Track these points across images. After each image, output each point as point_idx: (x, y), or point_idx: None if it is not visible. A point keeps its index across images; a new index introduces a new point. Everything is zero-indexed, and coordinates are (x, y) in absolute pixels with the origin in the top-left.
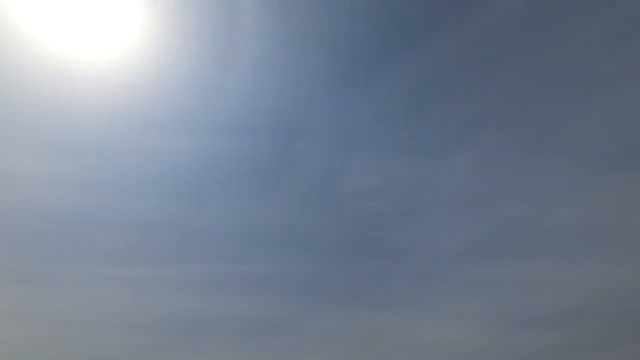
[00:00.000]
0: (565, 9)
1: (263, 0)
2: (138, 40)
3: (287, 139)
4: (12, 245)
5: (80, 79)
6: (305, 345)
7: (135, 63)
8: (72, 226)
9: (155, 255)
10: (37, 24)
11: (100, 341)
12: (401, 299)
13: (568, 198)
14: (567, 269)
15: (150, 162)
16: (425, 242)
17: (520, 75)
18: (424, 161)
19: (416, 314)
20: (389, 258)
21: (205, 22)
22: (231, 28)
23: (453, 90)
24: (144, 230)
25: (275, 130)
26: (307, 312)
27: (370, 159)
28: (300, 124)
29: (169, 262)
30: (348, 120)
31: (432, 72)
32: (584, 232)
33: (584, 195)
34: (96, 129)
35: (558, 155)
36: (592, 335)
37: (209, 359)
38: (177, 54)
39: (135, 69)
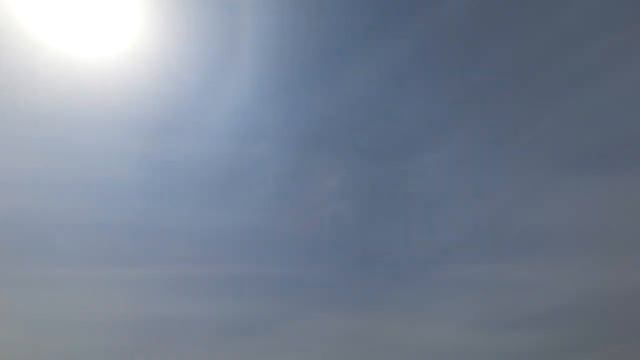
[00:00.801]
0: (530, 3)
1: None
2: (138, 40)
3: (249, 141)
4: None
5: (79, 78)
6: (283, 347)
7: (134, 63)
8: (42, 229)
9: (124, 257)
10: (37, 23)
11: (73, 343)
12: (380, 300)
13: (540, 198)
14: (547, 270)
15: (123, 165)
16: (400, 243)
17: (487, 73)
18: (391, 162)
19: (397, 315)
20: (364, 260)
21: (206, 23)
22: (232, 28)
23: (417, 89)
24: (111, 232)
25: (238, 133)
26: (284, 313)
27: (337, 161)
28: (263, 126)
29: (139, 264)
30: (312, 121)
31: (397, 70)
32: (562, 232)
33: (557, 195)
34: (79, 130)
35: (528, 154)
36: (575, 336)
37: None
38: (178, 54)
39: (134, 69)
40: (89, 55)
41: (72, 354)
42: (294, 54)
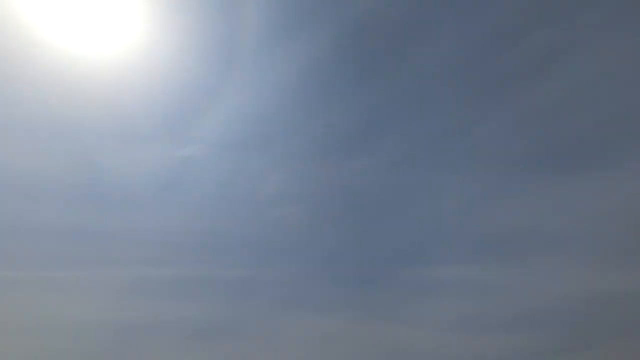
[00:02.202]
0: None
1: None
2: (140, 39)
3: (188, 145)
4: None
5: (81, 78)
6: (255, 350)
7: (136, 63)
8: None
9: (77, 260)
10: (39, 22)
11: (32, 347)
12: (350, 302)
13: (500, 198)
14: (522, 271)
15: (82, 169)
16: (360, 245)
17: (423, 73)
18: (331, 164)
19: (370, 317)
20: (323, 262)
21: (208, 25)
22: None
23: (354, 90)
24: (63, 236)
25: (182, 136)
26: (254, 316)
27: (274, 163)
28: (201, 129)
29: (92, 266)
30: (248, 123)
31: (330, 69)
32: (531, 233)
33: (518, 195)
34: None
35: (476, 154)
36: (556, 340)
37: None
38: (178, 56)
39: (136, 69)
40: (90, 54)
41: (27, 357)
42: (226, 53)
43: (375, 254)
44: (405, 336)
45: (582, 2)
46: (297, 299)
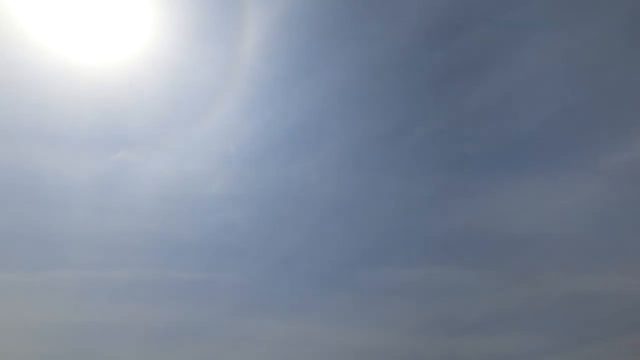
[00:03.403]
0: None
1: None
2: (143, 46)
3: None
4: None
5: (83, 84)
6: (214, 353)
7: (139, 69)
8: None
9: (23, 262)
10: (41, 29)
11: None
12: (306, 305)
13: (450, 199)
14: (475, 274)
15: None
16: (312, 247)
17: (360, 73)
18: (272, 168)
19: (325, 321)
20: (277, 265)
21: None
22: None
23: (293, 91)
24: (9, 238)
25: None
26: (212, 319)
27: (217, 166)
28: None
29: (40, 269)
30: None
31: (268, 72)
32: (483, 235)
33: (469, 195)
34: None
35: (414, 155)
36: (516, 343)
37: None
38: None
39: (138, 76)
40: (92, 61)
41: None
42: None
43: (328, 257)
44: (366, 338)
45: None
46: (258, 303)
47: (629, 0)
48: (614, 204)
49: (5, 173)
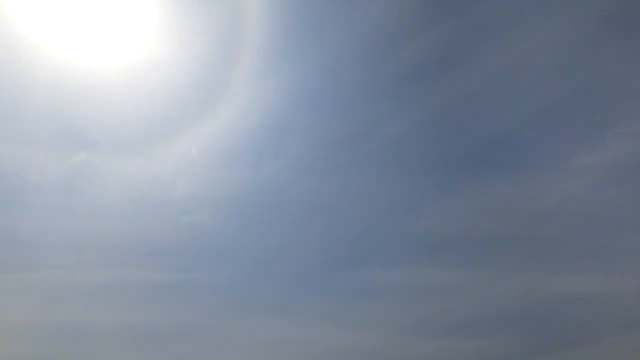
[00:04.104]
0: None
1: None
2: (145, 50)
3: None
4: None
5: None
6: (194, 353)
7: (142, 73)
8: None
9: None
10: (41, 32)
11: None
12: (287, 306)
13: (419, 201)
14: (448, 275)
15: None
16: (286, 249)
17: (325, 73)
18: (239, 169)
19: (309, 322)
20: (256, 266)
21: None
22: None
23: (256, 92)
24: None
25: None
26: (194, 320)
27: (185, 167)
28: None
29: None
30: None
31: (232, 73)
32: (457, 237)
33: (435, 198)
34: None
35: (380, 156)
36: (492, 345)
37: None
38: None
39: (141, 79)
40: (95, 65)
41: None
42: None
43: (308, 258)
44: (349, 339)
45: None
46: (241, 304)
47: None
48: (591, 205)
49: None
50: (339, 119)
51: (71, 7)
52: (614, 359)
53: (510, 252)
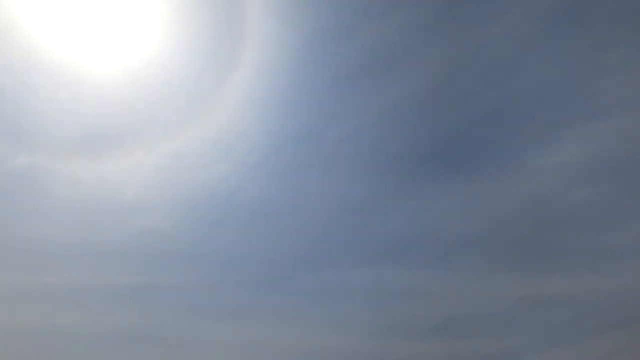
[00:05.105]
0: None
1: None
2: (148, 53)
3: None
4: None
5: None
6: (158, 357)
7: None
8: None
9: None
10: (46, 33)
11: None
12: (250, 308)
13: (382, 202)
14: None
15: None
16: (244, 250)
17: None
18: (190, 171)
19: (278, 323)
20: (216, 268)
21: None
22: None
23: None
24: None
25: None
26: (152, 322)
27: (135, 169)
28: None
29: None
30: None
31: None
32: (424, 239)
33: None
34: None
35: (327, 157)
36: (466, 347)
37: None
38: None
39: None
40: (98, 67)
41: None
42: None
43: (268, 259)
44: (315, 340)
45: None
46: (198, 305)
47: None
48: (553, 205)
49: None
50: (288, 120)
51: (71, 6)
52: None
53: (475, 253)
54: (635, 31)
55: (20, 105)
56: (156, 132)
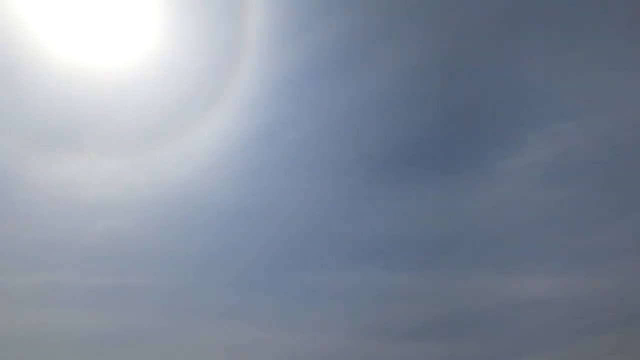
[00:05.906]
0: None
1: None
2: (147, 50)
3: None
4: None
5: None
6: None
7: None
8: None
9: None
10: (46, 30)
11: None
12: (233, 308)
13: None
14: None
15: None
16: (220, 251)
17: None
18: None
19: (260, 324)
20: (189, 270)
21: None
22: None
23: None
24: None
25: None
26: (132, 323)
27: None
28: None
29: None
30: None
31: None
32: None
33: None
34: None
35: (284, 159)
36: (447, 349)
37: None
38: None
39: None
40: (99, 64)
41: None
42: None
43: (246, 260)
44: (298, 341)
45: None
46: (178, 306)
47: None
48: (522, 207)
49: None
50: (246, 120)
51: (70, 6)
52: None
53: (450, 254)
54: (599, 29)
55: None
56: (114, 133)
